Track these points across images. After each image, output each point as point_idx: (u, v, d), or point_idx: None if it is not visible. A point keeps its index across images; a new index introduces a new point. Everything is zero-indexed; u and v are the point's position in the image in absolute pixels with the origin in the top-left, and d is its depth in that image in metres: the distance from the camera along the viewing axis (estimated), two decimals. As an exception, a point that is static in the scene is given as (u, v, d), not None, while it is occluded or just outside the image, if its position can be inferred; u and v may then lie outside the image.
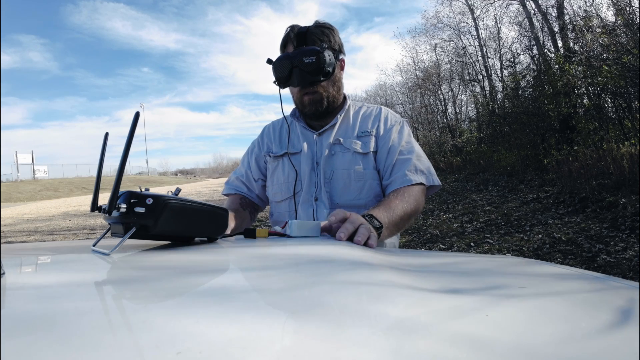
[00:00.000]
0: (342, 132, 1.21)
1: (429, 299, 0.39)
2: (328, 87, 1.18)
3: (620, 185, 4.86)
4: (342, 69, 1.24)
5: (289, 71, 1.12)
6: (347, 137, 1.19)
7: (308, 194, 1.14)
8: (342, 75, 1.24)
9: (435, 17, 15.70)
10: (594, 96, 7.82)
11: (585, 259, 3.29)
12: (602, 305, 0.41)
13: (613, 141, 6.33)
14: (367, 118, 1.23)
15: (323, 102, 1.18)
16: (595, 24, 7.69)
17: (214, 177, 70.24)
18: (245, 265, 0.54)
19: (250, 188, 1.29)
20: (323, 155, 1.17)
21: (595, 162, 5.78)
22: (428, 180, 1.13)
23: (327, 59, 1.11)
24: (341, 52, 1.21)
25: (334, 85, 1.19)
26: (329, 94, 1.18)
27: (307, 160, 1.18)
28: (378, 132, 1.19)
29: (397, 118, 1.25)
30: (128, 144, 0.56)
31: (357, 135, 1.19)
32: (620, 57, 6.16)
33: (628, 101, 6.95)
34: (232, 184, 1.31)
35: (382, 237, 0.90)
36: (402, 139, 1.18)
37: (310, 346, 0.25)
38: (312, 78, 1.11)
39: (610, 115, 7.66)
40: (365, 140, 1.18)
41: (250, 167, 1.30)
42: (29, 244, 0.74)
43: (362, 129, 1.20)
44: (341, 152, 1.17)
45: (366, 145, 1.17)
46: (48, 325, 0.27)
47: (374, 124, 1.21)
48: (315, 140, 1.21)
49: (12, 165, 32.15)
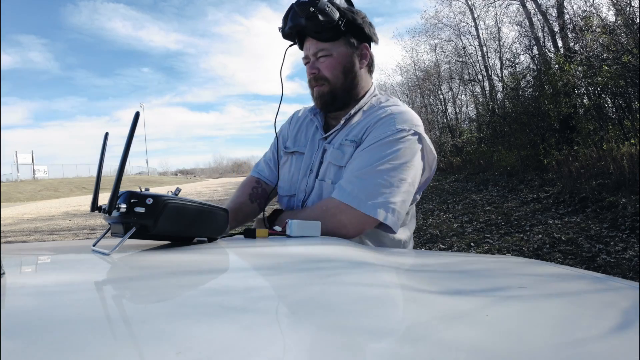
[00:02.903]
0: (339, 135, 1.05)
1: (429, 299, 0.39)
2: (338, 75, 1.03)
3: (620, 185, 4.86)
4: (364, 58, 1.06)
5: (287, 21, 1.01)
6: (332, 144, 1.04)
7: (297, 199, 1.10)
8: (363, 66, 1.07)
9: (435, 17, 15.70)
10: (594, 96, 7.82)
11: (585, 259, 3.29)
12: (602, 306, 0.41)
13: (613, 141, 6.33)
14: (366, 121, 1.02)
15: (329, 96, 1.04)
16: (595, 24, 7.69)
17: (214, 177, 70.20)
18: (245, 265, 0.54)
19: (274, 170, 1.22)
20: (318, 162, 1.07)
21: (595, 162, 5.78)
22: (380, 215, 0.89)
23: (331, 14, 0.96)
24: (364, 36, 1.04)
25: (347, 76, 1.03)
26: (337, 85, 1.03)
27: (304, 165, 1.10)
28: (362, 141, 0.99)
29: (394, 127, 0.96)
30: (128, 144, 0.56)
31: (341, 143, 1.02)
32: (620, 57, 6.16)
33: (628, 101, 6.95)
34: (257, 167, 1.25)
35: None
36: (381, 157, 0.93)
37: (310, 346, 0.25)
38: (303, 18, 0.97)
39: (610, 115, 7.66)
40: (345, 150, 1.00)
41: (276, 149, 1.22)
42: (29, 243, 0.74)
43: (352, 135, 1.01)
44: (325, 161, 1.05)
45: (344, 156, 1.00)
46: (48, 325, 0.27)
47: (365, 130, 1.00)
48: (318, 145, 1.09)
49: (12, 165, 32.17)
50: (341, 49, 1.03)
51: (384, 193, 0.90)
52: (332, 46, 1.02)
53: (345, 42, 1.03)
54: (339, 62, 1.03)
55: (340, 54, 1.03)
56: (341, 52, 1.03)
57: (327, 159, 1.04)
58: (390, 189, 0.91)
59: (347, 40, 1.03)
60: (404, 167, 0.93)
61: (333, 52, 1.02)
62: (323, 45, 1.02)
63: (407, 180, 0.93)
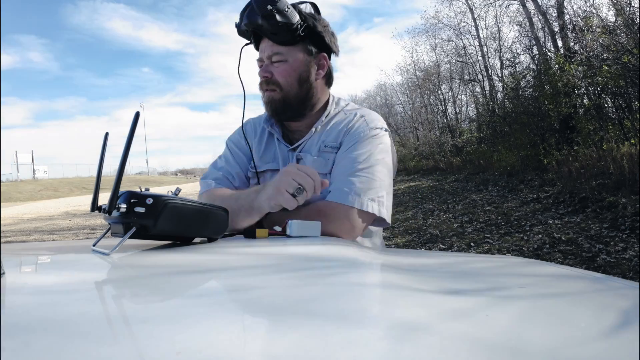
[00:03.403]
0: (310, 143, 1.02)
1: (428, 299, 0.39)
2: (292, 83, 0.97)
3: (620, 185, 4.86)
4: (321, 68, 1.01)
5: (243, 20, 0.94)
6: (309, 152, 1.01)
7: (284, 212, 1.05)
8: (320, 77, 1.02)
9: (435, 17, 15.70)
10: (594, 96, 7.81)
11: (585, 259, 3.29)
12: (602, 306, 0.41)
13: (613, 141, 6.33)
14: (338, 126, 1.01)
15: (280, 103, 0.98)
16: (595, 24, 7.68)
17: (214, 177, 69.82)
18: (245, 265, 0.54)
19: (234, 179, 1.09)
20: None
21: (595, 162, 5.78)
22: (375, 209, 0.91)
23: (290, 16, 0.91)
24: (324, 45, 0.99)
25: (301, 85, 0.98)
26: (290, 93, 0.98)
27: None
28: (341, 144, 0.99)
29: (367, 127, 0.99)
30: (128, 144, 0.56)
31: (319, 149, 0.99)
32: (620, 57, 6.15)
33: (628, 101, 6.94)
34: (220, 181, 1.07)
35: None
36: (363, 154, 0.95)
37: (310, 347, 0.25)
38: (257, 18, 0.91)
39: (610, 115, 7.66)
40: (326, 157, 0.98)
41: (234, 163, 1.09)
42: (29, 243, 0.74)
43: (328, 141, 1.00)
44: None
45: (327, 164, 0.98)
46: (48, 325, 0.27)
47: (341, 135, 1.00)
48: (288, 157, 1.04)
49: (12, 165, 32.17)
50: (298, 56, 0.97)
51: (374, 188, 0.92)
52: (288, 51, 0.97)
53: (303, 49, 0.98)
54: (294, 69, 0.97)
55: (296, 60, 0.97)
56: (297, 59, 0.97)
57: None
58: (380, 184, 0.93)
59: (305, 47, 0.98)
60: (383, 162, 0.96)
61: (289, 58, 0.97)
62: (279, 48, 0.96)
63: (388, 174, 0.97)
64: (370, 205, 0.91)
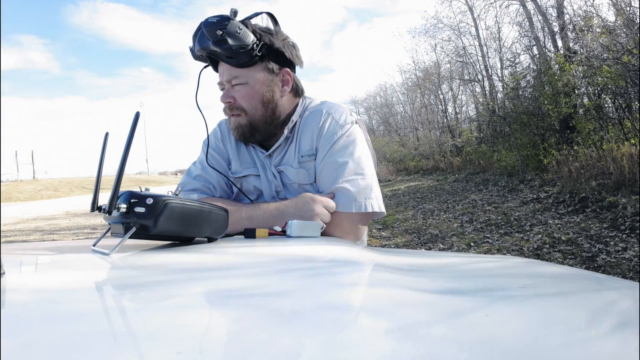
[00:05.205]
0: (289, 153, 0.99)
1: (429, 299, 0.39)
2: (257, 106, 0.94)
3: (620, 185, 4.86)
4: (285, 84, 0.97)
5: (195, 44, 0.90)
6: (289, 164, 0.98)
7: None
8: (285, 93, 0.98)
9: (435, 17, 15.70)
10: (594, 96, 7.82)
11: (585, 259, 3.29)
12: (602, 306, 0.41)
13: (613, 141, 6.33)
14: (309, 130, 0.98)
15: (247, 128, 0.96)
16: (595, 24, 7.69)
17: (214, 177, 69.91)
18: (245, 265, 0.54)
19: (214, 189, 1.04)
20: (278, 183, 0.99)
21: (595, 162, 5.78)
22: (372, 206, 0.91)
23: (243, 37, 0.86)
24: (286, 60, 0.95)
25: (266, 107, 0.95)
26: (256, 116, 0.95)
27: (266, 188, 1.01)
28: (317, 150, 0.96)
29: (338, 126, 0.96)
30: (128, 144, 0.56)
31: (299, 161, 0.97)
32: (620, 57, 6.15)
33: (628, 101, 6.94)
34: (203, 189, 1.02)
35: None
36: (344, 155, 0.94)
37: (310, 346, 0.25)
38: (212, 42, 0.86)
39: (610, 115, 7.66)
40: (307, 167, 0.97)
41: (211, 170, 1.03)
42: (29, 243, 0.74)
43: (305, 149, 0.97)
44: (289, 183, 0.98)
45: (309, 173, 0.96)
46: (48, 325, 0.27)
47: (314, 139, 0.97)
48: (265, 164, 1.01)
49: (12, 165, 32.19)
50: (258, 76, 0.93)
51: (367, 186, 0.93)
52: (247, 73, 0.92)
53: (264, 68, 0.93)
54: (256, 92, 0.93)
55: (257, 82, 0.93)
56: (259, 80, 0.93)
57: (291, 180, 0.98)
58: (370, 179, 0.94)
59: (265, 66, 0.93)
60: (364, 156, 0.96)
61: (249, 80, 0.92)
62: (237, 71, 0.91)
63: (371, 165, 0.97)
64: (369, 204, 0.91)
